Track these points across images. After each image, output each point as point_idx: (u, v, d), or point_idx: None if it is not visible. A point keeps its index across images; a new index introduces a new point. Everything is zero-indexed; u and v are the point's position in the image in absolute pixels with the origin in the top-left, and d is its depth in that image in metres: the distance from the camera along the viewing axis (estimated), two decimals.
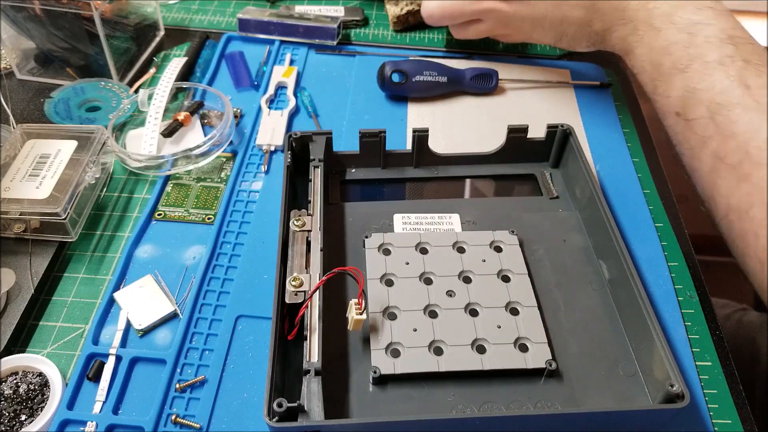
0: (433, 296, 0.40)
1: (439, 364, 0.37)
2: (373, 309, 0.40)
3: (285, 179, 0.45)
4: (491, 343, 0.38)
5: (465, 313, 0.40)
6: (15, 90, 0.59)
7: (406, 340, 0.38)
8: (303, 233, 0.43)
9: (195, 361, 0.40)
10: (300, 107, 0.58)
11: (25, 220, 0.44)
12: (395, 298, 0.40)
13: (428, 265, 0.42)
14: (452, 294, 0.41)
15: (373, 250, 0.43)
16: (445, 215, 0.47)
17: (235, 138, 0.54)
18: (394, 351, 0.38)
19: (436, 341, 0.38)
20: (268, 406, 0.32)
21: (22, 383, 0.38)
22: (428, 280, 0.42)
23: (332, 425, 0.33)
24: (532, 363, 0.37)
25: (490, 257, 0.43)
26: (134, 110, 0.55)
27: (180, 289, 0.44)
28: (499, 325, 0.39)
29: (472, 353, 0.38)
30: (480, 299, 0.40)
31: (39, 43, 0.58)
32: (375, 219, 0.47)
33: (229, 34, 0.66)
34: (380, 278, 0.41)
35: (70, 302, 0.43)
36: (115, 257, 0.46)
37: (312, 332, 0.37)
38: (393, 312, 0.40)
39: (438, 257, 0.43)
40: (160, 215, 0.48)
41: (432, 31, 0.69)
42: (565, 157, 0.50)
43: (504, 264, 0.43)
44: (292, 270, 0.40)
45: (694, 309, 0.44)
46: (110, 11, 0.59)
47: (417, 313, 0.39)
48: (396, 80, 0.57)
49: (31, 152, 0.48)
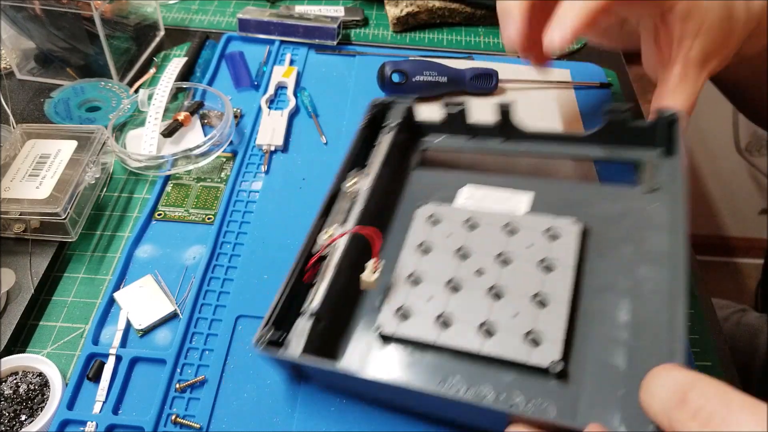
0: (461, 272, 0.39)
1: (440, 336, 0.36)
2: (400, 273, 0.40)
3: (356, 139, 0.45)
4: (501, 330, 0.36)
5: (487, 295, 0.38)
6: (15, 90, 0.59)
7: (418, 306, 0.38)
8: (352, 193, 0.43)
9: (195, 361, 0.40)
10: (300, 107, 0.58)
11: (25, 220, 0.44)
12: (424, 267, 0.40)
13: (469, 242, 0.41)
14: (482, 273, 0.39)
15: (421, 219, 0.42)
16: (517, 193, 0.43)
17: (235, 138, 0.54)
18: (404, 314, 0.38)
19: (447, 314, 0.37)
20: (260, 332, 0.35)
21: (22, 383, 0.38)
22: (464, 255, 0.40)
23: (308, 363, 0.35)
24: (536, 359, 0.35)
25: (540, 244, 0.40)
26: (134, 110, 0.55)
27: (180, 289, 0.44)
28: (518, 313, 0.37)
29: (478, 334, 0.36)
30: (509, 284, 0.38)
31: (39, 43, 0.58)
32: (442, 190, 0.45)
33: (229, 34, 0.66)
34: (418, 246, 0.41)
35: (70, 302, 0.43)
36: (115, 257, 0.46)
37: (322, 280, 0.38)
38: (417, 279, 0.40)
39: (483, 236, 0.41)
40: (160, 215, 0.48)
41: (432, 31, 0.69)
42: (670, 147, 0.43)
43: (552, 253, 0.39)
44: (330, 224, 0.41)
45: (694, 309, 0.44)
46: (110, 11, 0.59)
47: (439, 285, 0.39)
48: (396, 80, 0.57)
49: (31, 152, 0.48)
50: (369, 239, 0.38)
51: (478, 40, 0.68)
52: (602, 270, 0.39)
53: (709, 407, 0.24)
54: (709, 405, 0.25)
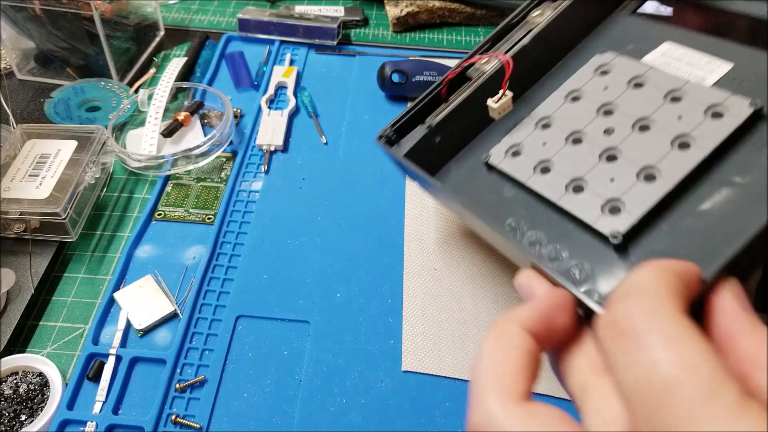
0: (592, 126, 0.37)
1: (530, 179, 0.37)
2: (537, 113, 0.40)
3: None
4: (588, 190, 0.34)
5: (600, 153, 0.35)
6: (15, 90, 0.59)
7: (529, 147, 0.38)
8: (531, 24, 0.42)
9: (195, 361, 0.40)
10: (300, 107, 0.58)
11: (25, 220, 0.44)
12: (561, 114, 0.39)
13: (621, 100, 0.37)
14: (610, 132, 0.36)
15: (590, 68, 0.40)
16: (715, 61, 0.37)
17: (235, 138, 0.54)
18: (515, 152, 0.38)
19: (550, 161, 0.37)
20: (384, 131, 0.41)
21: (22, 383, 0.38)
22: (607, 112, 0.37)
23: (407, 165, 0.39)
24: (601, 224, 0.32)
25: (692, 118, 0.34)
26: (134, 110, 0.55)
27: (180, 289, 0.44)
28: (614, 179, 0.34)
29: (562, 187, 0.35)
30: (631, 149, 0.35)
31: (39, 43, 0.58)
32: (642, 42, 0.40)
33: (229, 34, 0.66)
34: (569, 92, 0.39)
35: (70, 302, 0.43)
36: (115, 257, 0.46)
37: (455, 99, 0.41)
38: (548, 123, 0.39)
39: (639, 97, 0.37)
40: (160, 215, 0.48)
41: (432, 31, 0.69)
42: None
43: (699, 131, 0.34)
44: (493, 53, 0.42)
45: None
46: (110, 11, 0.59)
47: (562, 133, 0.38)
48: (396, 80, 0.57)
49: (31, 152, 0.48)
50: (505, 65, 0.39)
51: (478, 40, 0.68)
52: (748, 165, 0.32)
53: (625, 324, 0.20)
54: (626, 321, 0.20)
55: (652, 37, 0.40)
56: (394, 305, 0.43)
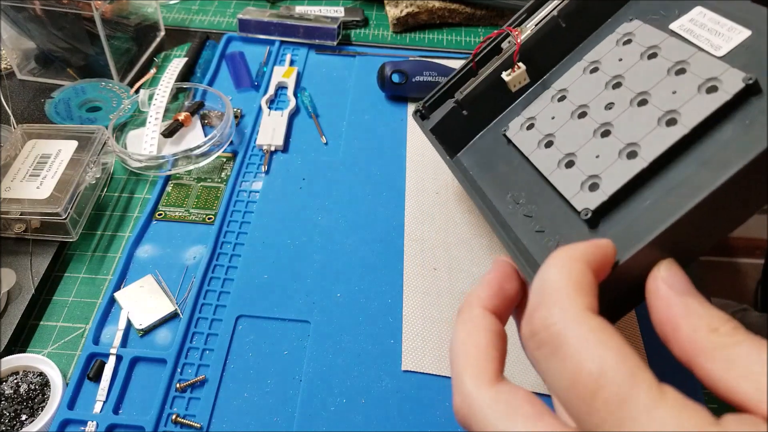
0: (597, 100, 0.37)
1: (532, 153, 0.38)
2: (556, 86, 0.40)
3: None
4: (576, 166, 0.35)
5: (596, 129, 0.36)
6: (15, 90, 0.59)
7: (541, 121, 0.39)
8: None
9: (195, 361, 0.40)
10: (300, 107, 0.58)
11: (26, 220, 0.44)
12: (575, 86, 0.39)
13: (630, 72, 0.37)
14: (610, 107, 0.36)
15: (615, 37, 0.39)
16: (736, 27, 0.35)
17: (236, 138, 0.54)
18: (530, 125, 0.39)
19: (553, 136, 0.38)
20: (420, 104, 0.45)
21: (22, 383, 0.38)
22: (616, 85, 0.37)
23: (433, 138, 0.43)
24: (576, 199, 0.34)
25: (685, 92, 0.34)
26: (135, 110, 0.55)
27: (180, 288, 0.44)
28: (599, 156, 0.35)
29: (558, 162, 0.36)
30: (623, 125, 0.35)
31: (39, 43, 0.59)
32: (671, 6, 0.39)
33: (229, 34, 0.66)
34: (588, 65, 0.40)
35: (71, 302, 0.43)
36: (116, 257, 0.46)
37: (483, 73, 0.42)
38: (563, 96, 0.39)
39: (647, 69, 0.36)
40: (161, 215, 0.48)
41: (432, 31, 0.69)
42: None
43: (687, 107, 0.33)
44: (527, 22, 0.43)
45: None
46: (111, 11, 0.59)
47: (571, 107, 0.38)
48: (396, 80, 0.57)
49: (32, 152, 0.48)
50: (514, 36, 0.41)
51: (478, 40, 0.68)
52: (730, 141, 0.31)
53: (543, 335, 0.21)
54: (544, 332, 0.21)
55: (684, 2, 0.39)
56: (394, 305, 0.43)
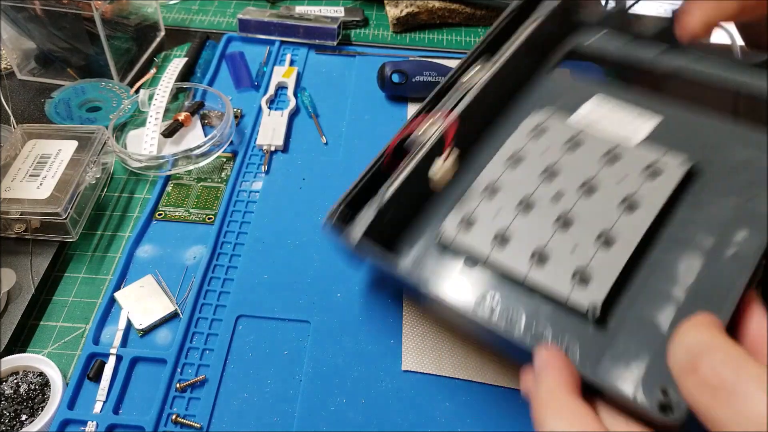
0: (539, 192, 0.37)
1: (492, 253, 0.35)
2: (481, 180, 0.39)
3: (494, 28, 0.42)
4: (553, 260, 0.34)
5: (555, 220, 0.36)
6: (16, 90, 0.59)
7: (483, 219, 0.37)
8: (467, 85, 0.41)
9: (195, 361, 0.40)
10: (300, 107, 0.58)
11: (26, 220, 0.44)
12: (506, 179, 0.38)
13: (562, 162, 0.38)
14: (559, 197, 0.37)
15: (524, 129, 0.40)
16: (644, 114, 0.39)
17: (236, 138, 0.54)
18: (468, 224, 0.37)
19: (507, 233, 0.36)
20: (332, 210, 0.36)
21: (22, 383, 0.38)
22: (551, 176, 0.38)
23: (362, 248, 0.35)
24: (575, 298, 0.33)
25: (634, 179, 0.36)
26: (135, 110, 0.55)
27: (180, 288, 0.44)
28: (576, 247, 0.34)
29: (530, 260, 0.35)
30: (582, 215, 0.36)
31: (39, 43, 0.59)
32: (569, 96, 0.42)
33: (229, 34, 0.66)
34: (509, 157, 0.39)
35: (71, 302, 0.43)
36: (116, 257, 0.46)
37: (401, 171, 0.37)
38: (494, 190, 0.38)
39: (579, 158, 0.38)
40: (161, 215, 0.48)
41: (432, 31, 0.69)
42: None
43: (642, 191, 0.35)
44: (434, 116, 0.40)
45: None
46: (111, 11, 0.59)
47: (513, 201, 0.37)
48: (396, 80, 0.57)
49: (32, 152, 0.48)
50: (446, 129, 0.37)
51: (478, 40, 0.68)
52: (691, 221, 0.35)
53: (718, 379, 0.22)
54: (717, 376, 0.22)
55: (583, 90, 0.41)
56: (394, 305, 0.43)
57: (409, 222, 0.39)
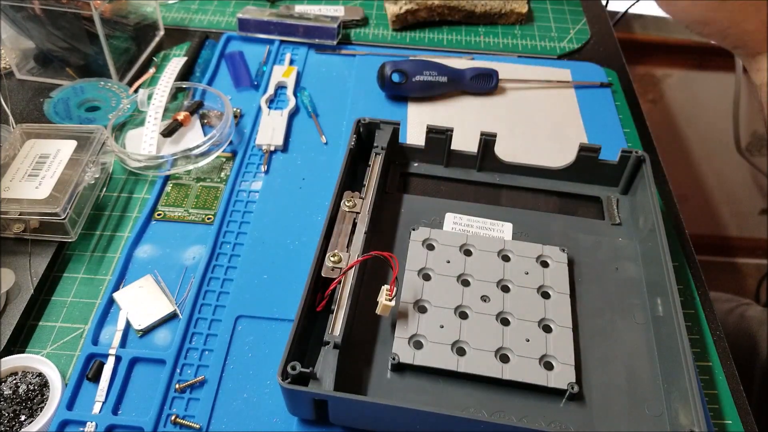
0: (467, 298, 0.40)
1: (459, 363, 0.37)
2: (405, 299, 0.40)
3: (346, 160, 0.46)
4: (516, 355, 0.38)
5: (496, 321, 0.39)
6: (15, 90, 0.59)
7: (430, 334, 0.38)
8: (352, 214, 0.43)
9: (195, 362, 0.40)
10: (300, 107, 0.58)
11: (25, 220, 0.44)
12: (429, 293, 0.41)
13: (468, 268, 0.42)
14: (487, 300, 0.41)
15: (417, 243, 0.43)
16: (498, 223, 0.46)
17: (235, 138, 0.54)
18: (417, 343, 0.38)
19: (461, 341, 0.38)
20: (283, 367, 0.34)
21: (21, 383, 0.38)
22: (466, 282, 0.42)
23: (340, 397, 0.33)
24: (554, 382, 0.37)
25: (534, 271, 0.42)
26: (134, 110, 0.55)
27: (180, 289, 0.44)
28: (528, 339, 0.39)
29: (495, 360, 0.38)
30: (514, 310, 0.40)
31: (39, 42, 0.58)
32: (428, 214, 0.47)
33: (228, 33, 0.66)
34: (418, 271, 0.42)
35: (70, 302, 0.43)
36: (115, 257, 0.46)
37: (339, 308, 0.37)
38: (424, 305, 0.40)
39: (480, 262, 0.43)
40: (160, 215, 0.48)
41: (432, 31, 0.69)
42: (635, 184, 0.48)
43: (547, 280, 0.42)
44: (334, 246, 0.41)
45: (694, 309, 0.44)
46: (110, 11, 0.59)
47: (447, 311, 0.40)
48: (396, 80, 0.57)
49: (31, 152, 0.48)
50: (390, 262, 0.38)
51: (478, 39, 0.68)
52: (592, 294, 0.43)
53: None
54: None
55: (436, 209, 0.47)
56: None
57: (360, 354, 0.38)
